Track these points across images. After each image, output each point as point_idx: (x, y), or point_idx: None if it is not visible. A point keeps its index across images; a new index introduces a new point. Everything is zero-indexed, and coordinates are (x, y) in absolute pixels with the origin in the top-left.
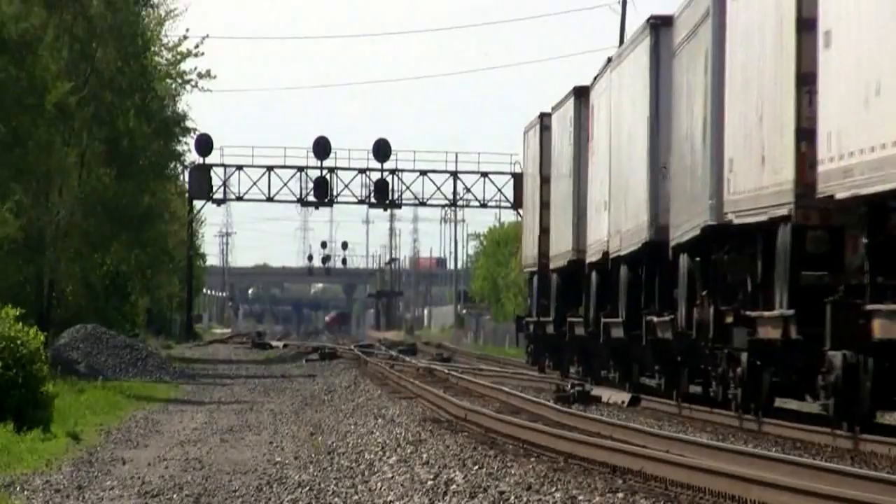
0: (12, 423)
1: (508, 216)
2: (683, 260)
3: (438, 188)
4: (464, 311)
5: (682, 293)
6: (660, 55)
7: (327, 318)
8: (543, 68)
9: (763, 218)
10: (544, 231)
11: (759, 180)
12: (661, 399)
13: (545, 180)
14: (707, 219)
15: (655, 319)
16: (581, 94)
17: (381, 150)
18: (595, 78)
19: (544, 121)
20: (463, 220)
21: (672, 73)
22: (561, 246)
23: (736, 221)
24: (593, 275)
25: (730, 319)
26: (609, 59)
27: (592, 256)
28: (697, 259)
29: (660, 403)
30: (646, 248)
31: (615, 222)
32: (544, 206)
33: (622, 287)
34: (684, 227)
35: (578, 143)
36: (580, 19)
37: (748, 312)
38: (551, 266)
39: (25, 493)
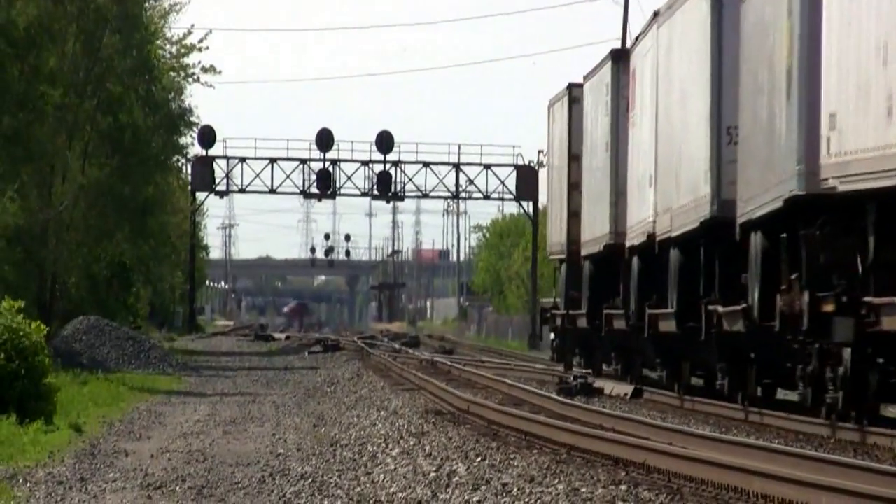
0: (15, 415)
1: (511, 208)
2: (756, 239)
3: (441, 180)
4: (466, 304)
5: (755, 278)
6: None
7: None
8: (546, 60)
9: (890, 182)
10: (573, 215)
11: (883, 136)
12: (724, 402)
13: (574, 158)
14: (794, 188)
15: (721, 310)
16: (619, 58)
17: (384, 142)
18: (636, 38)
19: (573, 92)
20: (465, 212)
21: (740, 18)
22: (595, 230)
23: (842, 189)
24: (635, 261)
25: (830, 308)
26: (655, 14)
27: (634, 240)
28: (783, 236)
29: (662, 395)
30: (706, 226)
31: (664, 199)
32: (573, 186)
33: (673, 273)
34: (759, 200)
35: (616, 113)
36: (583, 11)
37: (870, 299)
38: (583, 253)
39: (28, 485)
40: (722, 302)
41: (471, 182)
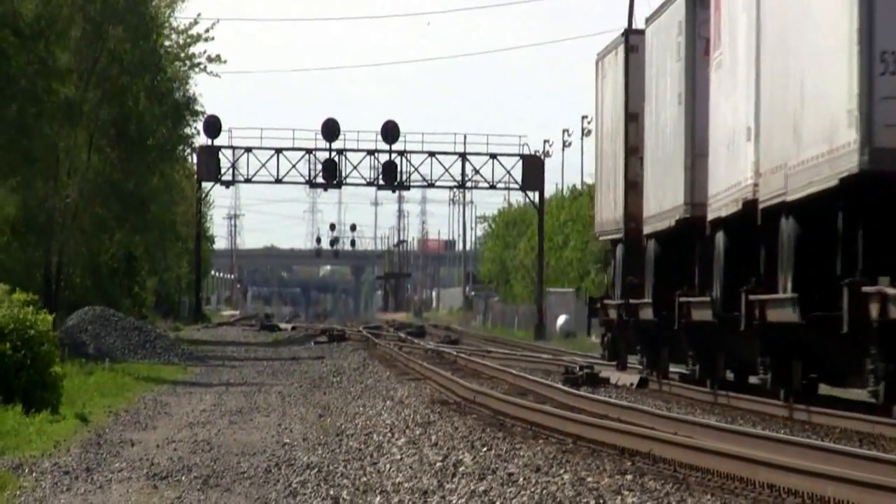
0: (21, 404)
1: (517, 198)
2: None
3: (447, 170)
4: (472, 293)
5: None
6: None
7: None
8: (553, 50)
9: None
10: (632, 186)
11: None
12: (877, 418)
13: (632, 118)
14: None
15: (891, 292)
16: None
17: (390, 131)
18: None
19: (630, 40)
20: (471, 202)
21: None
22: (662, 202)
23: None
24: (720, 236)
25: None
26: None
27: (720, 210)
28: None
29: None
30: (850, 183)
31: (772, 155)
32: (631, 152)
33: (788, 247)
34: None
35: (692, 57)
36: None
37: None
38: (646, 230)
39: (34, 474)
40: (871, 282)
41: (476, 172)
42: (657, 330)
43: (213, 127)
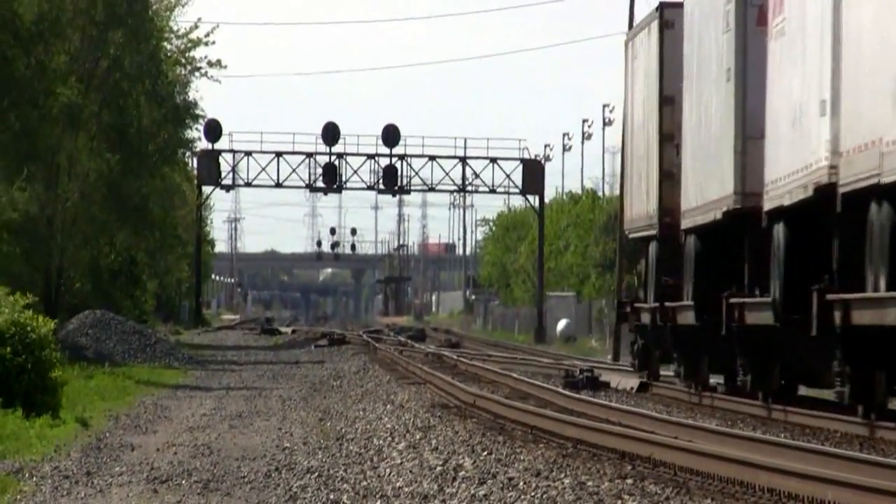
0: (21, 408)
1: (517, 201)
2: None
3: (447, 174)
4: (472, 297)
5: None
6: None
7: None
8: (553, 54)
9: None
10: (667, 176)
11: None
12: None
13: (667, 101)
14: None
15: None
16: None
17: (390, 135)
18: None
19: (665, 15)
20: (472, 206)
21: None
22: (705, 192)
23: None
24: (779, 229)
25: None
26: None
27: (781, 199)
28: None
29: (668, 389)
30: None
31: (860, 129)
32: (666, 139)
33: (882, 240)
34: None
35: (744, 27)
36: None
37: None
38: (684, 225)
39: (34, 479)
40: None
41: (477, 176)
42: (699, 336)
43: (213, 131)
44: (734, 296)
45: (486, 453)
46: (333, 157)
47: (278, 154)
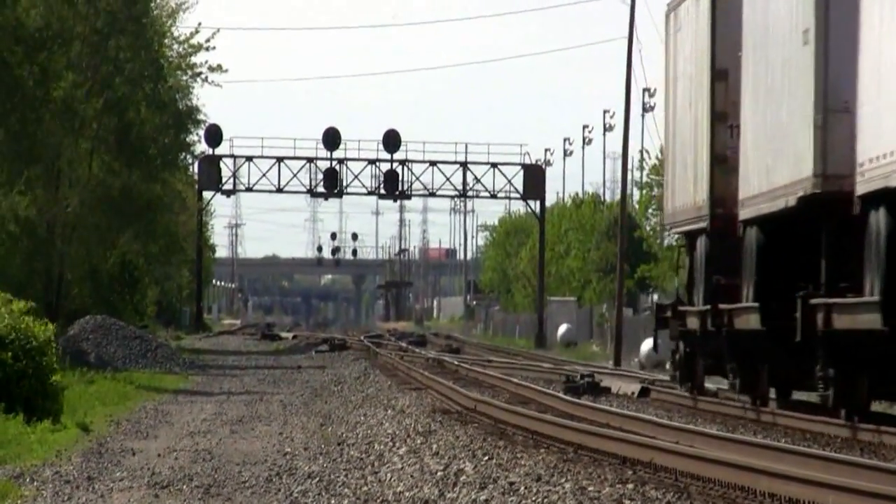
0: (22, 414)
1: (518, 207)
2: None
3: (448, 179)
4: (473, 302)
5: None
6: None
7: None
8: (553, 59)
9: None
10: (719, 161)
11: None
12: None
13: (720, 76)
14: None
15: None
16: None
17: (391, 140)
18: None
19: None
20: (472, 211)
21: None
22: (773, 176)
23: None
24: (880, 215)
25: None
26: None
27: (879, 181)
28: None
29: (669, 394)
30: None
31: None
32: (719, 118)
33: None
34: None
35: None
36: (588, 10)
37: None
38: (744, 215)
39: (35, 484)
40: None
41: (478, 181)
42: (762, 342)
43: (214, 136)
44: (813, 296)
45: (486, 458)
46: (334, 163)
47: (279, 159)
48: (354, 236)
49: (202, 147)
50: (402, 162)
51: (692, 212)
